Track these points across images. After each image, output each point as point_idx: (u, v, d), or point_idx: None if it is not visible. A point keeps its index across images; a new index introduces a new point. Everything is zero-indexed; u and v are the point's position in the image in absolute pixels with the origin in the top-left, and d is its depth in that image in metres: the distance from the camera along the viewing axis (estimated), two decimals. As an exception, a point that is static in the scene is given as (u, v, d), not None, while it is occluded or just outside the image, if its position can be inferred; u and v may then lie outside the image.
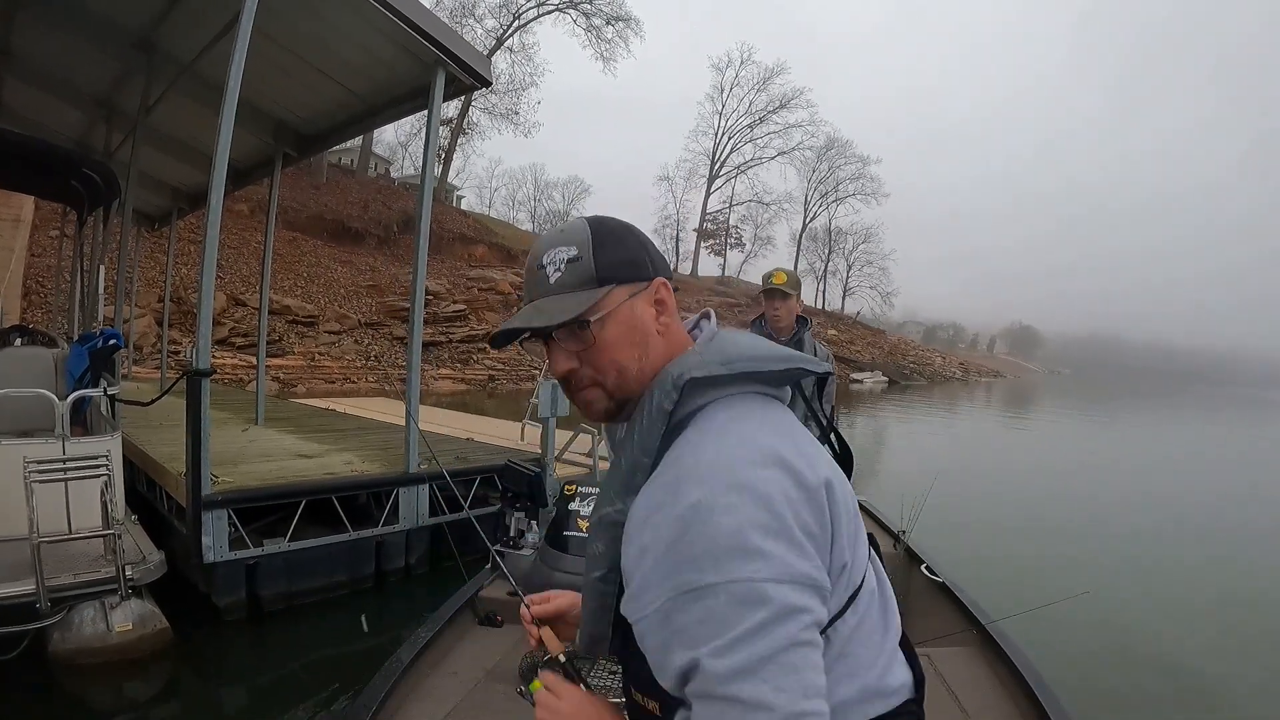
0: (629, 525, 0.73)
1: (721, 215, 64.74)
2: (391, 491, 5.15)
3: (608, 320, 0.78)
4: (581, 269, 0.78)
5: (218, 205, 4.26)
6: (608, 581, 0.79)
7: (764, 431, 0.72)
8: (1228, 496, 10.79)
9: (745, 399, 0.76)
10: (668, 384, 0.75)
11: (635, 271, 0.80)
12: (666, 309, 0.81)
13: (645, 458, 0.75)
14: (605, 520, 0.78)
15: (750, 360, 0.76)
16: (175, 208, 11.07)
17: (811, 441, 0.76)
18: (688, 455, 0.70)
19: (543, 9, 41.32)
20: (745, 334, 0.83)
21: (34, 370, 5.32)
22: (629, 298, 0.79)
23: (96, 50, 6.67)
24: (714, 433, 0.72)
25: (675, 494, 0.67)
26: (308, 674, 3.97)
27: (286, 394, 16.79)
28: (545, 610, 1.01)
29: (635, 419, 0.78)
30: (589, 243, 0.79)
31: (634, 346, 0.79)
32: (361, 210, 32.16)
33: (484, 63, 5.89)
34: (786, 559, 0.64)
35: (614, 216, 0.84)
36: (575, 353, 0.80)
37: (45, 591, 3.36)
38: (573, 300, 0.78)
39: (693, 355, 0.77)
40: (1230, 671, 4.37)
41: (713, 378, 0.74)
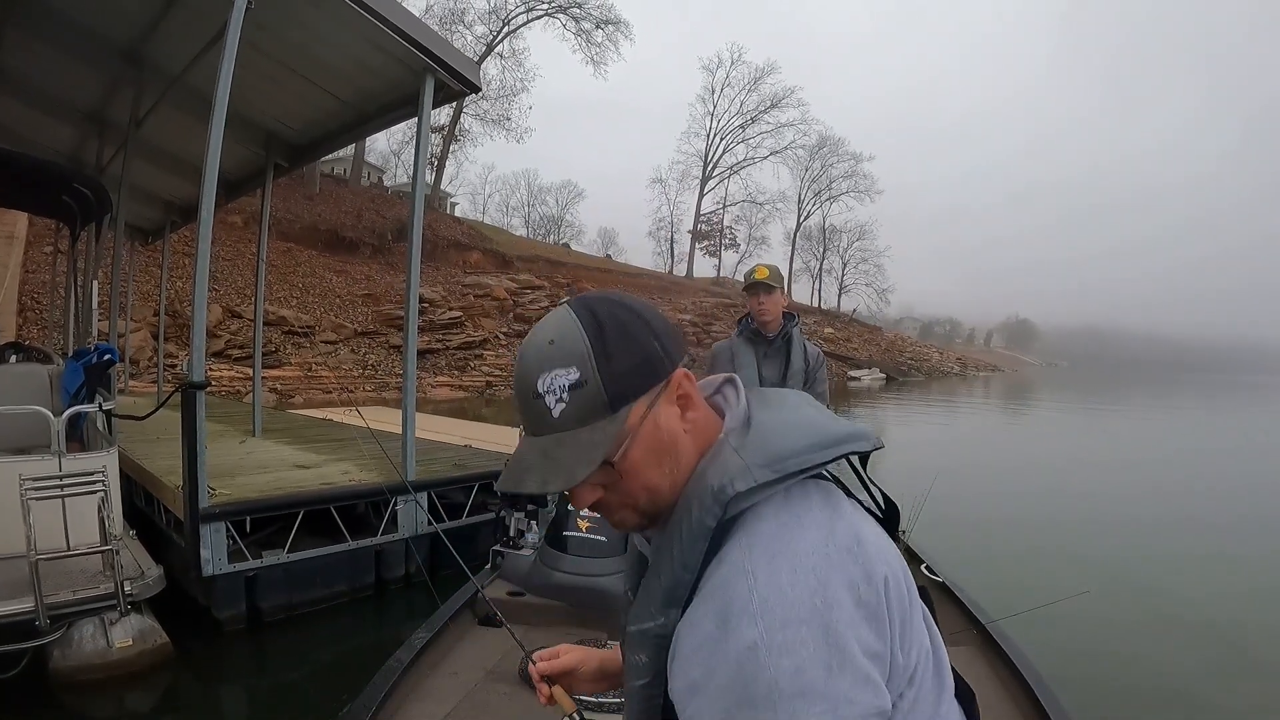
0: (676, 649, 0.67)
1: (715, 216, 64.93)
2: (390, 501, 5.14)
3: (631, 445, 0.69)
4: (588, 396, 0.67)
5: (208, 217, 4.25)
6: (654, 687, 0.72)
7: (817, 541, 0.65)
8: (1228, 492, 10.76)
9: (791, 496, 0.68)
10: (708, 497, 0.66)
11: (652, 375, 0.69)
12: (692, 403, 0.72)
13: (687, 574, 0.68)
14: (649, 634, 0.71)
15: (799, 456, 0.67)
16: (168, 221, 11.04)
17: (863, 527, 0.70)
18: (737, 582, 0.63)
19: (532, 14, 41.43)
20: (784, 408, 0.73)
21: (29, 387, 5.31)
22: (649, 409, 0.69)
23: (85, 64, 6.67)
24: (764, 552, 0.64)
25: (726, 628, 0.61)
26: (310, 685, 3.95)
27: (284, 405, 16.76)
28: (554, 667, 0.98)
29: (673, 530, 0.70)
30: (589, 357, 0.67)
31: (663, 462, 0.71)
32: (355, 219, 32.16)
33: (473, 68, 5.89)
34: (850, 694, 0.60)
35: (609, 299, 0.71)
36: (599, 485, 0.72)
37: (44, 609, 3.34)
38: (586, 442, 0.67)
39: (731, 456, 0.68)
40: (1230, 671, 4.36)
41: (760, 486, 0.66)
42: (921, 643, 0.70)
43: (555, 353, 0.68)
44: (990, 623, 2.90)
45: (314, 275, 27.33)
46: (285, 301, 24.01)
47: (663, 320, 0.73)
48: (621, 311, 0.70)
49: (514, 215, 65.84)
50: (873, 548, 0.67)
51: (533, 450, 0.70)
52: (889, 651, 0.64)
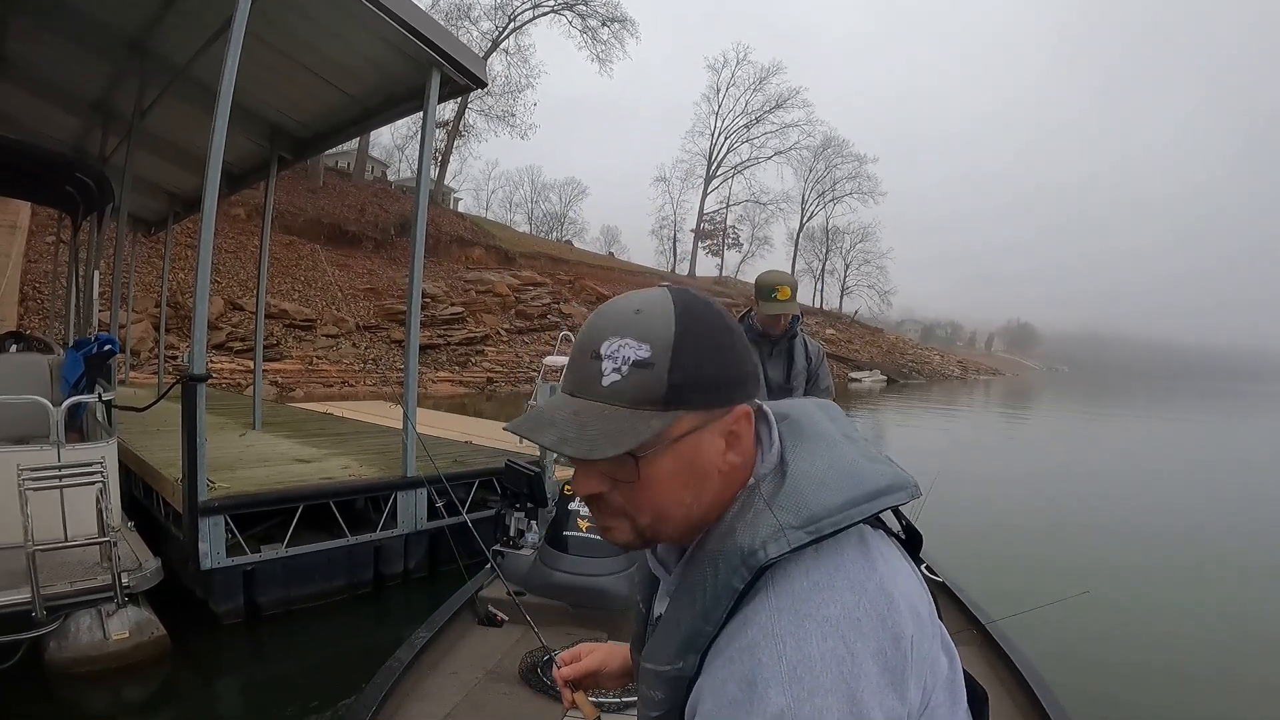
0: (697, 706, 0.64)
1: (719, 215, 64.95)
2: (389, 496, 5.12)
3: (663, 454, 0.64)
4: (649, 381, 0.62)
5: (212, 209, 4.24)
6: (669, 718, 0.70)
7: (849, 604, 0.61)
8: (1226, 498, 10.77)
9: (821, 551, 0.64)
10: (736, 559, 0.63)
11: (717, 395, 0.64)
12: (739, 445, 0.66)
13: (708, 626, 0.64)
14: (663, 676, 0.68)
15: (835, 514, 0.63)
16: (171, 212, 11.03)
17: (895, 577, 0.66)
18: (765, 647, 0.60)
19: (538, 11, 41.38)
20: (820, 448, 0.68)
21: (29, 377, 5.30)
22: (696, 428, 0.64)
23: (90, 54, 6.65)
24: (793, 615, 0.61)
25: (753, 694, 0.59)
26: (307, 680, 3.94)
27: (284, 398, 16.75)
28: (578, 671, 0.96)
29: (696, 583, 0.66)
30: (669, 346, 0.62)
31: (686, 490, 0.66)
32: (358, 214, 32.15)
33: (479, 63, 5.87)
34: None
35: (713, 305, 0.66)
36: (610, 477, 0.67)
37: (41, 600, 3.33)
38: (626, 424, 0.62)
39: (763, 512, 0.63)
40: (1230, 671, 4.36)
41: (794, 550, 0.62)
42: (939, 672, 0.67)
43: (636, 322, 0.64)
44: (990, 623, 2.90)
45: (316, 269, 27.32)
46: (287, 295, 24.01)
47: (749, 354, 0.68)
48: (719, 322, 0.66)
49: (517, 211, 65.91)
50: (903, 603, 0.64)
51: (565, 408, 0.66)
52: (907, 711, 0.62)
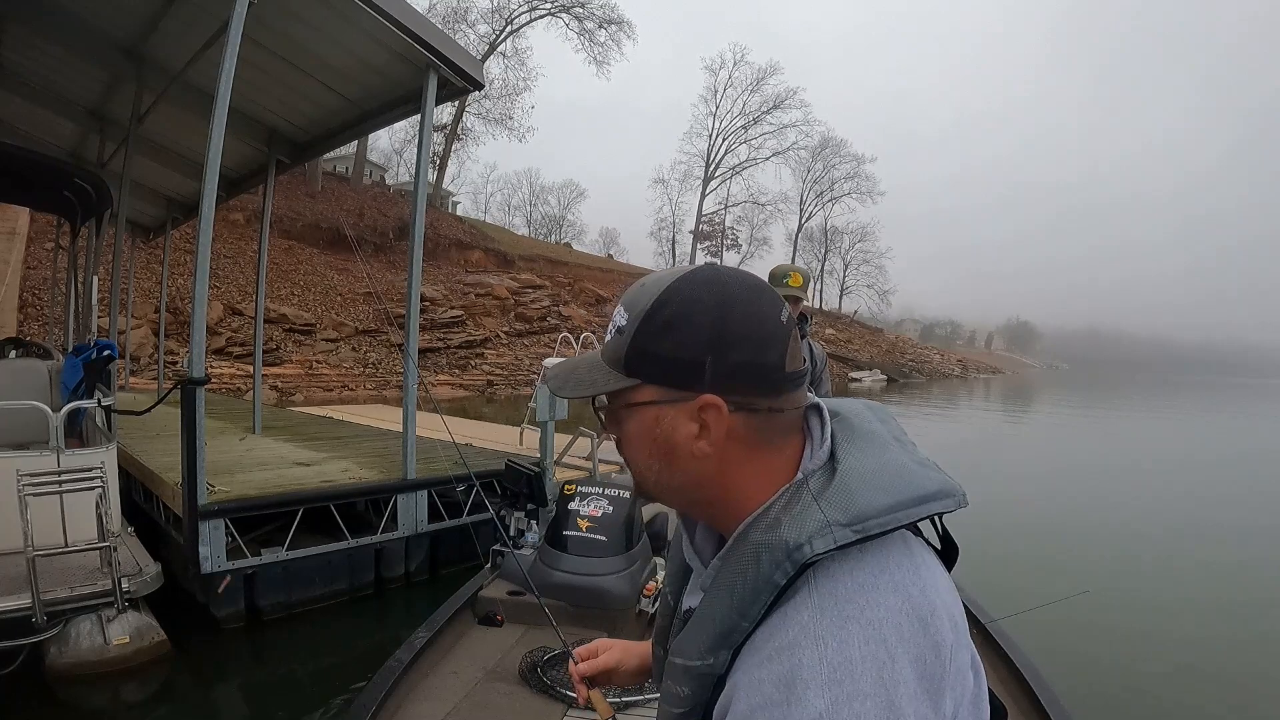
0: (730, 705, 0.63)
1: (717, 217, 64.94)
2: (390, 499, 5.12)
3: (628, 415, 0.68)
4: (618, 345, 0.67)
5: (209, 214, 4.24)
6: (692, 715, 0.69)
7: (892, 608, 0.61)
8: (1226, 496, 10.75)
9: (867, 553, 0.63)
10: (780, 553, 0.62)
11: (672, 375, 0.65)
12: (709, 435, 0.66)
13: (745, 622, 0.64)
14: (692, 671, 0.67)
15: (883, 516, 0.62)
16: (170, 217, 11.04)
17: (937, 585, 0.65)
18: (807, 648, 0.59)
19: (535, 13, 41.43)
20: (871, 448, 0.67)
21: (29, 382, 5.30)
22: (656, 402, 0.66)
23: (87, 60, 6.67)
24: (836, 616, 0.60)
25: (791, 695, 0.58)
26: (308, 684, 3.94)
27: (284, 402, 16.75)
28: (594, 668, 0.95)
29: (734, 574, 0.65)
30: (639, 317, 0.66)
31: (651, 457, 0.69)
32: (357, 218, 32.16)
33: (476, 65, 5.87)
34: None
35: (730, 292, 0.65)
36: (614, 429, 0.72)
37: (41, 605, 3.33)
38: (595, 377, 0.69)
39: (810, 508, 0.63)
40: (1229, 670, 4.36)
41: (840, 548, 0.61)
42: (967, 687, 0.66)
43: (635, 293, 0.68)
44: (990, 622, 2.89)
45: (315, 273, 27.33)
46: (286, 299, 24.01)
47: (757, 342, 0.65)
48: (704, 303, 0.65)
49: (515, 214, 66.06)
50: (944, 611, 0.64)
51: (584, 361, 0.72)
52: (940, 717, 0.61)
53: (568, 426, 7.26)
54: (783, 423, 0.67)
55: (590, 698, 0.93)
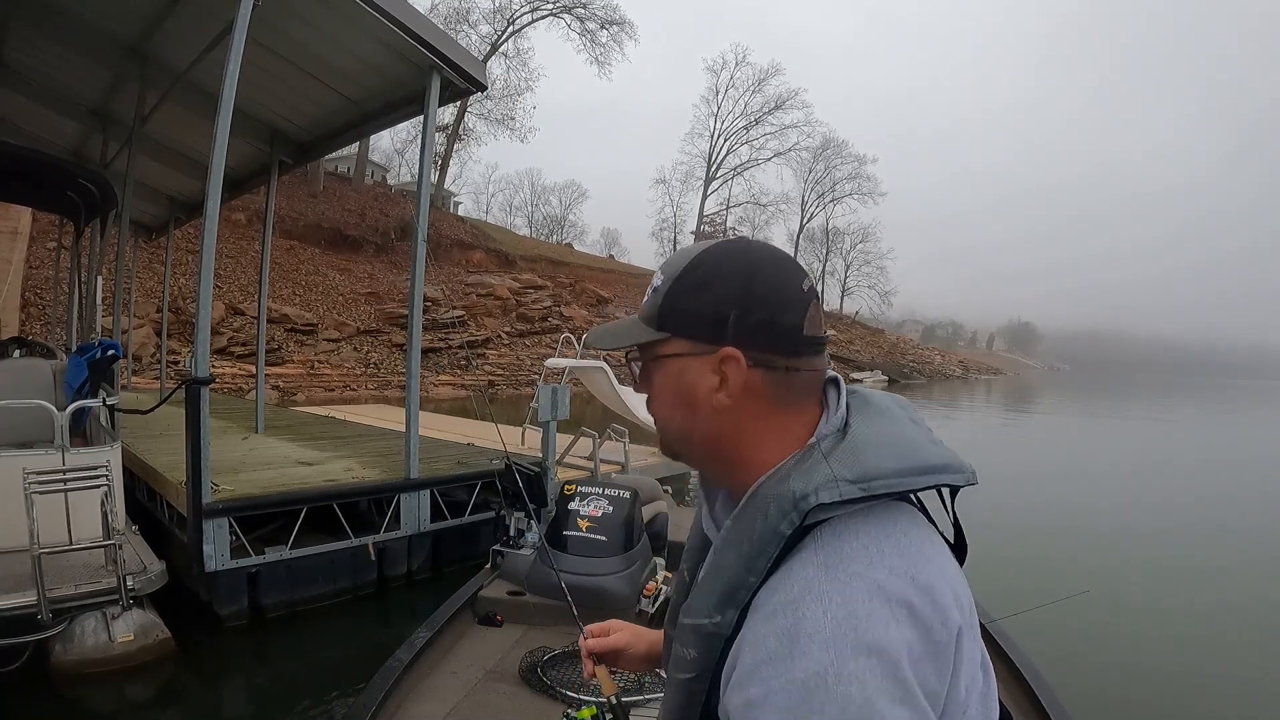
0: (735, 660, 0.64)
1: (719, 217, 64.84)
2: (393, 498, 5.14)
3: (657, 368, 0.74)
4: (652, 304, 0.73)
5: (214, 214, 4.26)
6: (699, 681, 0.70)
7: (899, 571, 0.62)
8: (1226, 497, 10.74)
9: (874, 514, 0.65)
10: (787, 503, 0.64)
11: (700, 329, 0.70)
12: (728, 386, 0.69)
13: (752, 577, 0.65)
14: (701, 630, 0.69)
15: (890, 478, 0.64)
16: (173, 217, 11.06)
17: (944, 564, 0.67)
18: (810, 603, 0.60)
19: (537, 14, 41.46)
20: (883, 420, 0.70)
21: (33, 382, 5.32)
22: (682, 355, 0.71)
23: (91, 60, 6.68)
24: (842, 574, 0.61)
25: (794, 650, 0.59)
26: (311, 681, 3.96)
27: (286, 402, 16.78)
28: (604, 645, 0.96)
29: (743, 528, 0.67)
30: (673, 279, 0.72)
31: (675, 409, 0.73)
32: (359, 218, 32.20)
33: (479, 66, 5.89)
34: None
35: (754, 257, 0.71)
36: (643, 382, 0.77)
37: (46, 603, 3.35)
38: (630, 331, 0.75)
39: (819, 463, 0.65)
40: (1229, 671, 4.36)
41: (845, 501, 0.63)
42: (974, 675, 0.67)
43: (671, 259, 0.74)
44: (990, 622, 2.90)
45: (317, 273, 27.37)
46: (288, 299, 24.04)
47: (779, 303, 0.69)
48: (733, 266, 0.70)
49: (517, 215, 66.12)
50: (949, 586, 0.65)
51: (621, 320, 0.79)
52: (945, 692, 0.62)
53: (569, 427, 7.28)
54: (799, 384, 0.71)
55: (596, 673, 0.94)
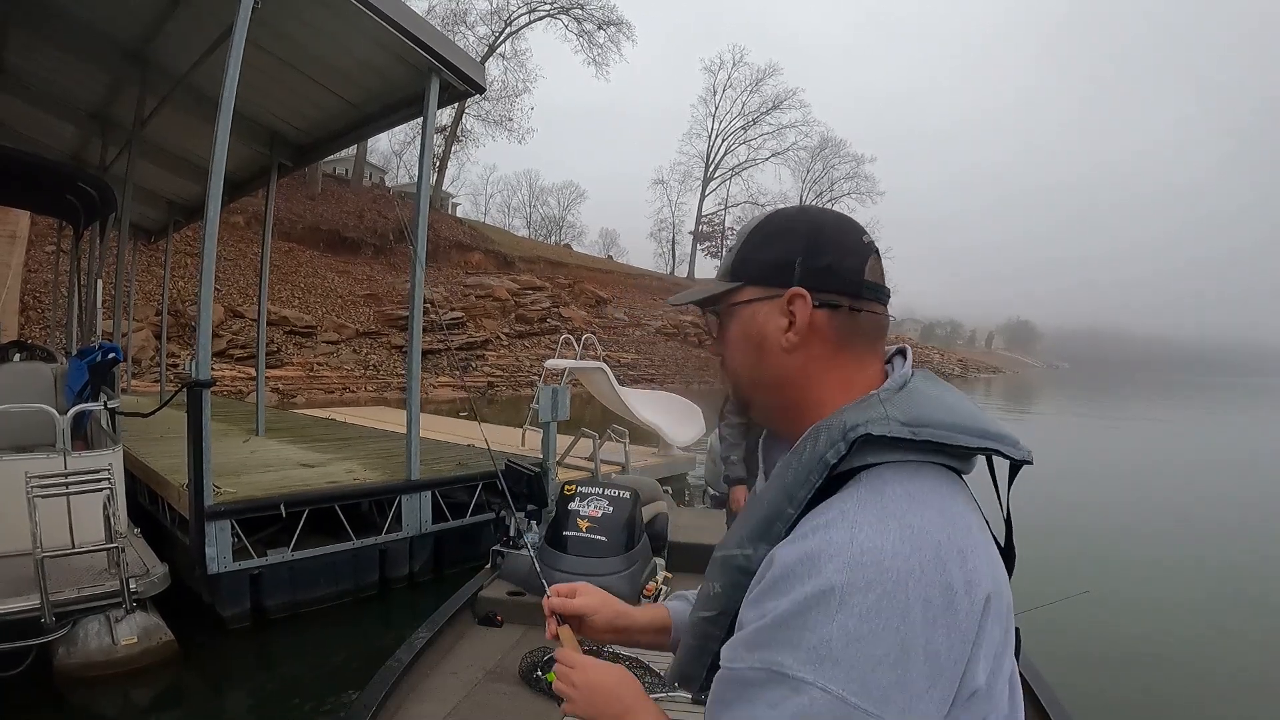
0: (759, 582, 0.65)
1: (717, 217, 64.92)
2: (394, 499, 5.15)
3: (729, 318, 0.78)
4: (726, 261, 0.79)
5: (214, 218, 4.27)
6: (716, 624, 0.71)
7: (934, 526, 0.61)
8: (1226, 497, 10.75)
9: (923, 472, 0.65)
10: (836, 433, 0.65)
11: (771, 275, 0.74)
12: (797, 325, 0.72)
13: (790, 508, 0.65)
14: (730, 563, 0.70)
15: (941, 429, 0.64)
16: (171, 220, 11.07)
17: (984, 540, 0.65)
18: (840, 530, 0.60)
19: (534, 15, 41.46)
20: (943, 388, 0.71)
21: (34, 385, 5.33)
22: (754, 300, 0.75)
23: (90, 64, 6.69)
24: (878, 510, 0.61)
25: (812, 565, 0.59)
26: (314, 683, 3.96)
27: (286, 405, 16.78)
28: (566, 607, 0.95)
29: (791, 458, 0.68)
30: (747, 234, 0.78)
31: (745, 354, 0.77)
32: (357, 220, 32.20)
33: (478, 69, 5.91)
34: (890, 698, 0.56)
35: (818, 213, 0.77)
36: (718, 338, 0.81)
37: (49, 606, 3.35)
38: (710, 284, 0.80)
39: (874, 404, 0.66)
40: (1229, 671, 4.37)
41: (892, 439, 0.64)
42: (998, 665, 0.64)
43: (742, 225, 0.81)
44: None
45: (316, 275, 27.36)
46: (287, 302, 24.03)
47: (842, 249, 0.74)
48: (799, 220, 0.76)
49: (515, 216, 66.11)
50: (984, 562, 0.63)
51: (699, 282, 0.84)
52: (960, 668, 0.59)
53: (569, 428, 7.29)
54: (862, 328, 0.74)
55: (560, 635, 0.92)
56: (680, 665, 0.79)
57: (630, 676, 0.82)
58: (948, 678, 0.58)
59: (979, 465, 0.71)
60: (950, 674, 0.58)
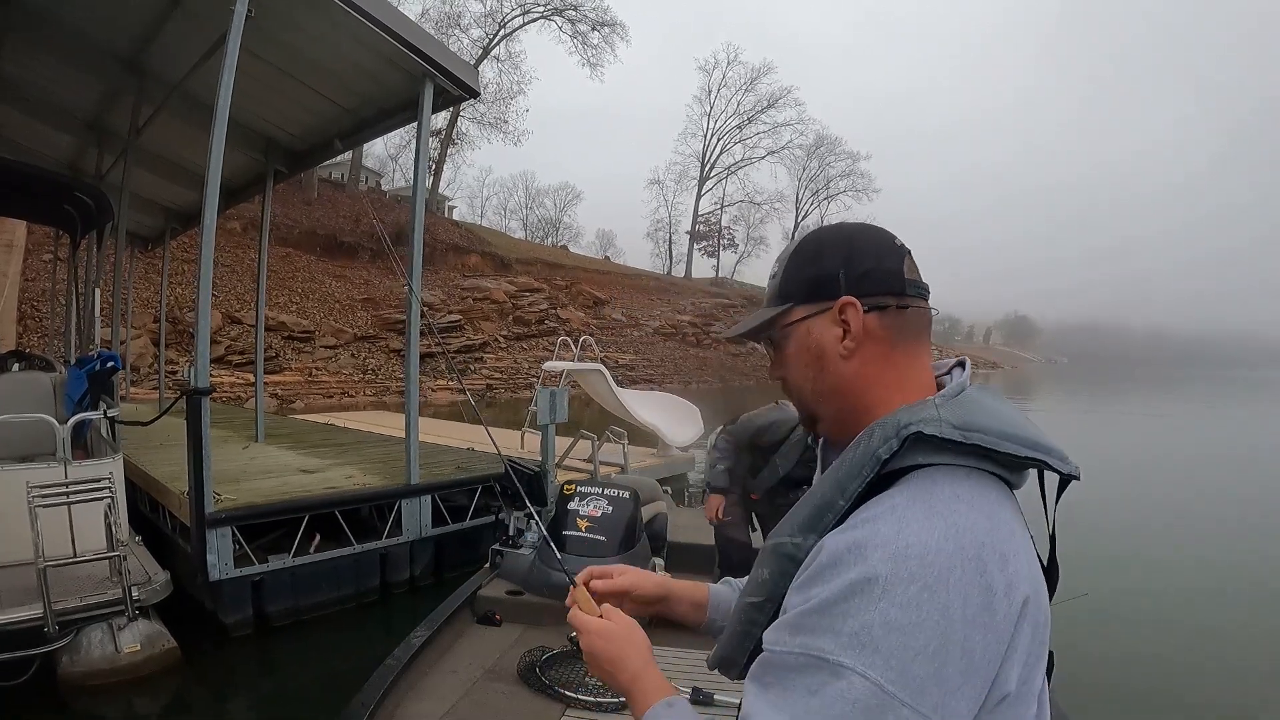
0: (806, 568, 0.67)
1: (714, 217, 64.95)
2: (394, 504, 5.17)
3: (785, 339, 0.81)
4: (774, 285, 0.83)
5: (211, 225, 4.28)
6: (761, 610, 0.73)
7: (979, 528, 0.63)
8: (1226, 495, 10.70)
9: (973, 477, 0.67)
10: (890, 429, 0.67)
11: (818, 290, 0.78)
12: (850, 331, 0.76)
13: (841, 500, 0.68)
14: (780, 550, 0.72)
15: (991, 435, 0.66)
16: (168, 228, 11.08)
17: (1026, 549, 0.67)
18: (888, 523, 0.63)
19: (528, 17, 41.48)
20: (998, 399, 0.73)
21: (33, 395, 5.34)
22: (806, 317, 0.79)
23: (85, 73, 6.70)
24: (925, 507, 0.63)
25: (859, 557, 0.61)
26: (316, 689, 3.97)
27: (285, 410, 16.78)
28: (612, 586, 0.98)
29: (845, 453, 0.71)
30: (787, 259, 0.82)
31: (807, 367, 0.80)
32: (353, 224, 32.16)
33: (471, 73, 5.92)
34: (925, 690, 0.58)
35: (847, 228, 0.81)
36: (778, 365, 0.84)
37: (52, 615, 3.37)
38: (761, 312, 0.83)
39: (928, 407, 0.68)
40: (1229, 671, 4.36)
41: (943, 440, 0.66)
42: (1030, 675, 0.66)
43: (785, 250, 0.85)
44: None
45: (313, 280, 27.34)
46: (284, 307, 24.02)
47: (878, 254, 0.78)
48: (834, 236, 0.80)
49: (512, 218, 66.05)
50: (1025, 567, 0.65)
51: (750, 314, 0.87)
52: (992, 671, 0.61)
53: (568, 429, 7.31)
54: (911, 323, 0.78)
55: (577, 597, 0.93)
56: (722, 649, 0.81)
57: (635, 638, 0.85)
58: (981, 677, 0.60)
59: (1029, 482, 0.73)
60: (983, 674, 0.60)
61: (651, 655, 0.84)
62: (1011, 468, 0.70)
